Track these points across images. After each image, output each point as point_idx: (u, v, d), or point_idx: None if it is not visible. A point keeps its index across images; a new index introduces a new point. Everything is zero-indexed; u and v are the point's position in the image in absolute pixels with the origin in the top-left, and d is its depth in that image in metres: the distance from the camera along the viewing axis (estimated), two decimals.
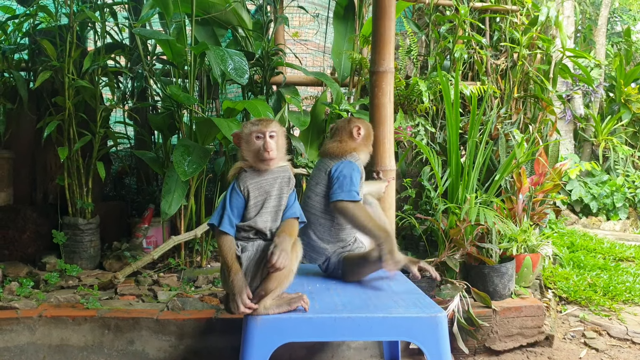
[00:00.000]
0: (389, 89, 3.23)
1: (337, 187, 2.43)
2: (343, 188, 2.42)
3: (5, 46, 3.86)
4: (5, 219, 3.76)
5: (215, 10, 4.00)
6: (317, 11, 4.92)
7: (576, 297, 3.69)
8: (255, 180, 2.10)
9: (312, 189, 2.57)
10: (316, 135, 4.12)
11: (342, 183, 2.43)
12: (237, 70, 3.31)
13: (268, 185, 2.10)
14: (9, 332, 2.77)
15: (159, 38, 3.65)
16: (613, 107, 7.60)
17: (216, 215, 2.08)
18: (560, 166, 4.00)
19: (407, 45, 4.35)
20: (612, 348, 3.12)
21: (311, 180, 2.60)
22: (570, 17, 7.18)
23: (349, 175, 2.45)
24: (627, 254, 4.65)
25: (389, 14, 3.19)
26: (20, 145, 3.95)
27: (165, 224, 3.87)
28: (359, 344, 2.85)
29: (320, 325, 2.03)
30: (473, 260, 3.17)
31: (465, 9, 4.32)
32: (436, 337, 2.04)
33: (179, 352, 2.80)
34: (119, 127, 4.41)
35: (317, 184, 2.55)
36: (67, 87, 3.63)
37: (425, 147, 3.66)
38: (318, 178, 2.56)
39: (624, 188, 6.47)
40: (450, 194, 3.49)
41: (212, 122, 3.41)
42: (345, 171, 2.47)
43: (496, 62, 4.67)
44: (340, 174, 2.46)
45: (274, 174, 2.13)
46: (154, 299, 3.10)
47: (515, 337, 3.03)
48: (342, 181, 2.43)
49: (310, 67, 5.08)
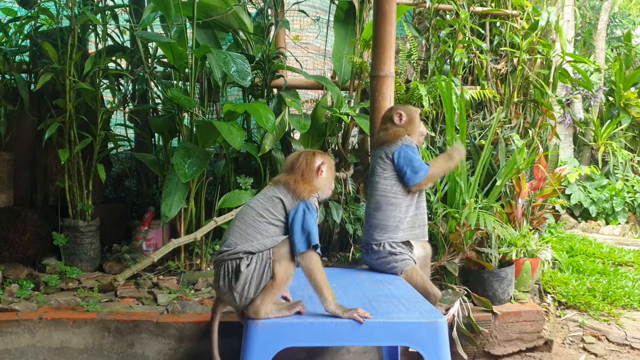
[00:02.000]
0: (389, 93, 3.24)
1: (410, 171, 2.77)
2: (414, 170, 2.76)
3: (6, 48, 3.86)
4: (6, 221, 3.76)
5: (217, 13, 4.01)
6: (317, 15, 4.93)
7: (575, 302, 3.70)
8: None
9: (380, 174, 2.84)
10: (317, 138, 4.13)
11: (411, 166, 2.77)
12: (239, 73, 3.31)
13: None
14: (9, 334, 2.77)
15: (160, 41, 3.66)
16: (612, 111, 7.61)
17: (314, 235, 2.14)
18: (559, 171, 4.01)
19: (407, 50, 4.37)
20: (611, 353, 3.13)
21: (377, 168, 2.86)
22: (570, 21, 7.19)
23: (410, 158, 2.78)
24: (626, 259, 4.66)
25: (390, 19, 3.21)
26: (21, 147, 3.95)
27: (165, 226, 3.87)
28: (359, 348, 2.86)
29: (321, 330, 2.04)
30: (472, 265, 3.17)
31: (466, 13, 4.34)
32: (436, 343, 2.04)
33: (179, 355, 2.80)
34: (120, 129, 4.41)
35: (384, 170, 2.83)
36: (68, 89, 3.64)
37: (425, 151, 3.67)
38: (384, 165, 2.83)
39: (623, 192, 6.48)
40: (449, 198, 3.49)
41: (213, 125, 3.41)
42: (407, 155, 2.80)
43: (496, 67, 4.69)
44: (404, 159, 2.79)
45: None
46: (153, 301, 3.11)
47: (514, 342, 3.04)
48: (410, 164, 2.77)
49: (310, 70, 5.08)
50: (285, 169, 2.33)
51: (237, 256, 2.14)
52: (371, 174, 2.91)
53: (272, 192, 2.24)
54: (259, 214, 2.18)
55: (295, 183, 2.22)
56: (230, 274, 2.14)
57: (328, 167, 2.32)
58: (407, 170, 2.76)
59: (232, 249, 2.15)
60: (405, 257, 2.75)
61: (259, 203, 2.22)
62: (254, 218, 2.18)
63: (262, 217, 2.17)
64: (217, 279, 2.20)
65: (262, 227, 2.16)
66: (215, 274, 2.23)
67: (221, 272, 2.17)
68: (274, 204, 2.19)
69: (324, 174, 2.31)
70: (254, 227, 2.16)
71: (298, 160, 2.30)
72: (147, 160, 3.84)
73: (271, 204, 2.20)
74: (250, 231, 2.16)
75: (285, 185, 2.23)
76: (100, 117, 3.74)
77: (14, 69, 3.87)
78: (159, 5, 3.60)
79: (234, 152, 4.00)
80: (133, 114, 4.20)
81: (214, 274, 2.24)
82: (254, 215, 2.18)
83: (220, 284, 2.18)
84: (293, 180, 2.23)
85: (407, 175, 2.76)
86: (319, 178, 2.29)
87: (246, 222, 2.18)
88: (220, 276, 2.18)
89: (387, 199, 2.80)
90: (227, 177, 3.94)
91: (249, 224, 2.17)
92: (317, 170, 2.29)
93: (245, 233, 2.16)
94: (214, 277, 2.24)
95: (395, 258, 2.75)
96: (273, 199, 2.21)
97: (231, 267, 2.15)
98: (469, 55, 4.56)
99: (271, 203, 2.20)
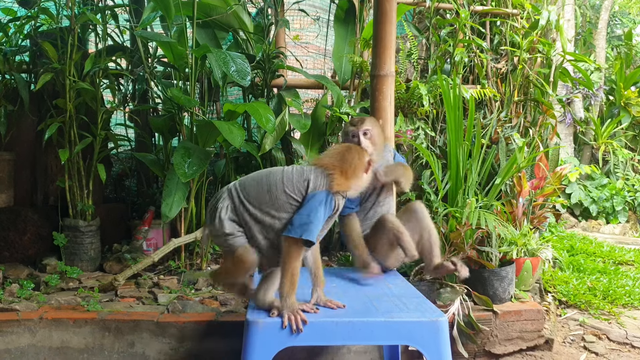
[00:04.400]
0: (389, 92, 3.23)
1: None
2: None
3: (6, 48, 3.86)
4: (6, 221, 3.76)
5: (217, 13, 4.01)
6: (318, 14, 4.93)
7: (576, 301, 3.69)
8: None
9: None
10: (317, 137, 4.13)
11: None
12: (239, 72, 3.31)
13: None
14: (10, 334, 2.77)
15: (160, 40, 3.66)
16: (613, 110, 7.60)
17: (313, 230, 2.06)
18: (560, 170, 4.00)
19: (407, 49, 4.36)
20: (612, 352, 3.13)
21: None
22: (571, 20, 7.19)
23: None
24: (627, 258, 4.65)
25: (390, 18, 3.20)
26: (21, 147, 3.95)
27: (165, 226, 3.87)
28: (359, 347, 2.86)
29: (321, 330, 2.03)
30: (473, 264, 3.17)
31: (466, 12, 4.33)
32: (437, 342, 2.04)
33: (180, 355, 2.80)
34: (120, 129, 4.41)
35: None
36: (68, 89, 3.63)
37: (426, 150, 3.67)
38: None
39: (623, 191, 6.48)
40: (450, 198, 3.49)
41: (213, 125, 3.41)
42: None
43: (496, 66, 4.68)
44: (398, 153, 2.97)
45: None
46: (154, 301, 3.11)
47: (515, 340, 3.03)
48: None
49: (310, 70, 5.08)
50: (329, 155, 2.20)
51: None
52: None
53: (306, 169, 2.13)
54: (281, 181, 2.09)
55: (334, 171, 2.10)
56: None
57: (372, 168, 2.24)
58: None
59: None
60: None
61: (288, 172, 2.12)
62: (276, 184, 2.09)
63: (285, 185, 2.08)
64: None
65: (283, 197, 2.07)
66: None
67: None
68: (301, 179, 2.08)
69: (369, 174, 2.23)
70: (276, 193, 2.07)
71: (350, 153, 2.18)
72: (147, 160, 3.84)
73: (299, 177, 2.09)
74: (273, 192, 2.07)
75: (325, 168, 2.11)
76: (101, 117, 3.74)
77: (14, 69, 3.86)
78: (159, 5, 3.60)
79: (234, 152, 4.00)
80: (133, 114, 4.20)
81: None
82: (277, 181, 2.09)
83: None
84: (339, 169, 2.11)
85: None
86: (362, 177, 2.18)
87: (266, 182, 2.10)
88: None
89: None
90: (227, 177, 3.93)
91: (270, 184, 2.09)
92: (366, 167, 2.19)
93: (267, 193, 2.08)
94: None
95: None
96: (303, 174, 2.10)
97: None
98: (469, 54, 4.56)
99: (300, 176, 2.10)
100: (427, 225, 2.79)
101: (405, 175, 2.77)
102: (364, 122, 2.71)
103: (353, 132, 2.70)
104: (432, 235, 2.78)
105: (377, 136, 2.72)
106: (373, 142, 2.69)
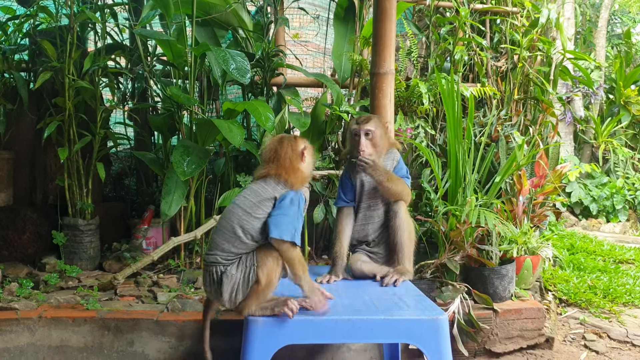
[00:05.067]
0: (389, 90, 3.23)
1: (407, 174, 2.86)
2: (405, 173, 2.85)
3: (5, 47, 3.85)
4: (5, 220, 3.75)
5: (216, 11, 4.00)
6: (317, 12, 4.92)
7: (576, 300, 3.69)
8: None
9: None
10: (317, 136, 4.12)
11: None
12: (239, 70, 3.30)
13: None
14: (9, 333, 2.77)
15: (160, 39, 3.65)
16: (613, 109, 7.60)
17: (291, 228, 2.11)
18: (560, 168, 4.00)
19: (407, 47, 4.36)
20: (612, 350, 3.12)
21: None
22: (571, 19, 7.18)
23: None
24: (627, 256, 4.65)
25: (390, 16, 3.20)
26: (20, 146, 3.94)
27: (165, 225, 3.87)
28: (359, 345, 2.85)
29: (321, 328, 2.03)
30: (473, 263, 3.17)
31: (466, 10, 4.33)
32: (437, 340, 2.04)
33: (179, 354, 2.80)
34: (119, 128, 4.41)
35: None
36: (68, 87, 3.63)
37: (426, 149, 3.66)
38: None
39: (623, 190, 6.47)
40: (450, 196, 3.49)
41: (212, 123, 3.41)
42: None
43: (496, 64, 4.68)
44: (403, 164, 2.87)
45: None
46: (153, 300, 3.10)
47: (515, 339, 3.03)
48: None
49: (310, 68, 5.07)
50: (267, 158, 2.23)
51: (227, 260, 2.10)
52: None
53: (260, 186, 2.16)
54: (245, 212, 2.10)
55: (287, 174, 2.15)
56: (216, 280, 2.12)
57: (309, 152, 2.27)
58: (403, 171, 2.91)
59: (217, 254, 2.12)
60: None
61: (244, 199, 2.14)
62: (240, 218, 2.10)
63: (249, 214, 2.10)
64: (205, 284, 2.19)
65: (250, 226, 2.10)
66: (203, 278, 2.20)
67: (207, 278, 2.15)
68: (263, 200, 2.12)
69: (307, 158, 2.25)
70: (243, 227, 2.09)
71: (282, 146, 2.21)
72: (146, 159, 3.83)
73: (259, 200, 2.12)
74: (239, 232, 2.09)
75: (277, 178, 2.16)
76: (100, 116, 3.73)
77: (13, 68, 3.86)
78: (158, 3, 3.59)
79: (234, 151, 4.00)
80: (132, 112, 4.20)
81: (203, 276, 2.20)
82: (240, 214, 2.11)
83: (208, 289, 2.17)
84: (284, 171, 2.16)
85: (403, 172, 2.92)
86: (302, 164, 2.23)
87: (232, 222, 2.11)
88: (207, 281, 2.16)
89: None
90: (227, 176, 3.93)
91: (236, 223, 2.10)
92: (301, 155, 2.23)
93: (233, 235, 2.10)
94: (203, 281, 2.21)
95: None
96: (261, 193, 2.14)
97: (216, 273, 2.11)
98: (469, 52, 4.55)
99: (259, 198, 2.13)
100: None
101: (403, 192, 2.73)
102: (367, 122, 2.69)
103: (355, 130, 2.69)
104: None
105: (380, 137, 2.69)
106: (374, 143, 2.67)
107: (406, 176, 2.82)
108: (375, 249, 2.76)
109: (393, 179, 2.67)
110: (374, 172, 2.64)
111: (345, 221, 2.76)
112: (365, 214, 2.76)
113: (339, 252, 2.71)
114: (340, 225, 2.75)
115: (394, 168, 2.78)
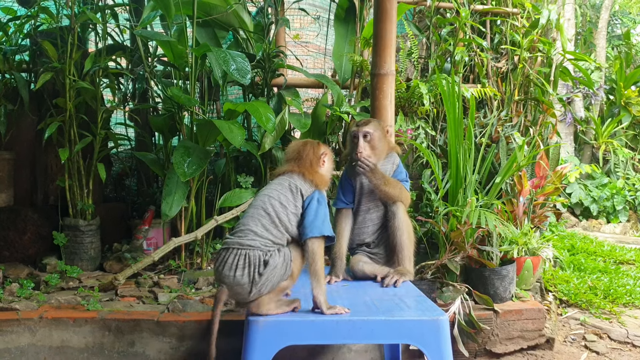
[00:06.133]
0: (390, 91, 3.23)
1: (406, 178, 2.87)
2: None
3: (6, 47, 3.86)
4: (6, 220, 3.75)
5: (217, 12, 4.00)
6: (318, 13, 4.92)
7: (577, 300, 3.69)
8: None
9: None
10: (317, 137, 4.12)
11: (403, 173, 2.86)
12: (239, 71, 3.30)
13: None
14: (10, 334, 2.77)
15: (160, 39, 3.65)
16: (613, 109, 7.60)
17: (329, 225, 2.22)
18: (561, 169, 4.00)
19: (408, 48, 4.36)
20: (613, 351, 3.12)
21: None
22: (571, 19, 7.18)
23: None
24: (628, 257, 4.65)
25: (390, 17, 3.20)
26: (21, 147, 3.95)
27: (165, 225, 3.87)
28: (360, 346, 2.85)
29: (322, 328, 2.03)
30: (474, 263, 3.17)
31: (466, 11, 4.33)
32: (438, 340, 2.04)
33: (180, 354, 2.80)
34: (120, 128, 4.41)
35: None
36: (68, 88, 3.63)
37: (426, 149, 3.66)
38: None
39: (624, 191, 6.47)
40: (451, 197, 3.49)
41: (213, 124, 3.41)
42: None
43: (497, 65, 4.68)
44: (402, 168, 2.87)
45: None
46: (154, 300, 3.10)
47: (515, 340, 3.03)
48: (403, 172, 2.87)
49: (311, 69, 5.07)
50: (290, 158, 2.34)
51: (266, 247, 2.10)
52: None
53: (288, 182, 2.25)
54: (281, 205, 2.17)
55: (310, 174, 2.26)
56: (257, 266, 2.07)
57: (329, 158, 2.38)
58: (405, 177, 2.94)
59: (258, 240, 2.11)
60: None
61: (278, 193, 2.21)
62: (277, 209, 2.17)
63: (285, 207, 2.17)
64: (231, 268, 2.07)
65: (286, 218, 2.16)
66: (225, 263, 2.08)
67: (239, 262, 2.06)
68: (295, 194, 2.21)
69: (326, 164, 2.36)
70: (279, 218, 2.15)
71: (305, 148, 2.33)
72: (147, 159, 3.83)
73: (292, 194, 2.21)
74: (276, 221, 2.15)
75: (302, 175, 2.26)
76: (101, 116, 3.73)
77: (14, 68, 3.86)
78: (159, 4, 3.59)
79: (234, 151, 4.00)
80: (133, 113, 4.20)
81: (223, 262, 2.09)
82: (277, 206, 2.17)
83: (236, 274, 2.06)
84: (306, 171, 2.26)
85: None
86: (321, 168, 2.33)
87: (269, 212, 2.16)
88: (237, 266, 2.06)
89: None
90: (227, 176, 3.93)
91: (272, 213, 2.15)
92: (320, 160, 2.34)
93: (271, 223, 2.14)
94: (223, 265, 2.09)
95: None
96: (291, 188, 2.22)
97: (258, 258, 2.08)
98: (470, 53, 4.55)
99: (291, 193, 2.21)
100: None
101: (400, 195, 2.73)
102: (366, 124, 2.70)
103: (354, 132, 2.71)
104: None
105: (378, 140, 2.69)
106: (372, 145, 2.68)
107: (405, 180, 2.82)
108: (376, 250, 2.77)
109: (390, 183, 2.69)
110: (372, 175, 2.65)
111: (344, 222, 2.77)
112: (364, 215, 2.77)
113: (339, 253, 2.72)
114: (340, 227, 2.76)
115: (394, 172, 2.79)
